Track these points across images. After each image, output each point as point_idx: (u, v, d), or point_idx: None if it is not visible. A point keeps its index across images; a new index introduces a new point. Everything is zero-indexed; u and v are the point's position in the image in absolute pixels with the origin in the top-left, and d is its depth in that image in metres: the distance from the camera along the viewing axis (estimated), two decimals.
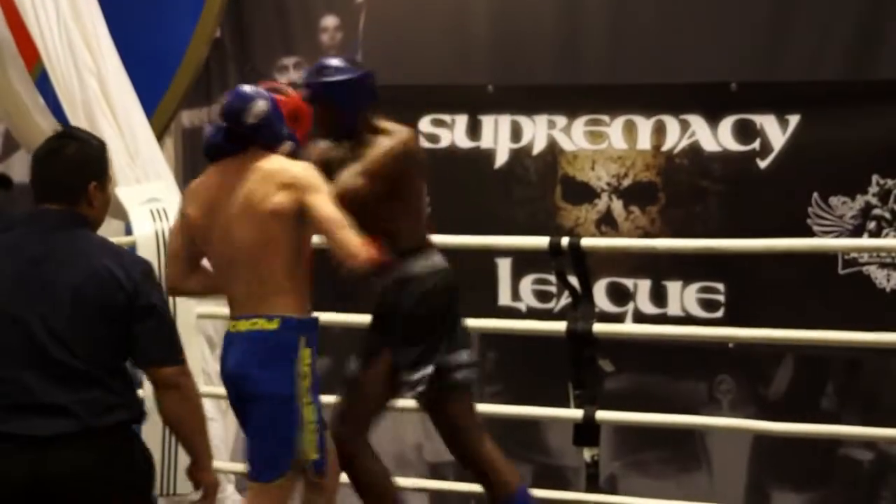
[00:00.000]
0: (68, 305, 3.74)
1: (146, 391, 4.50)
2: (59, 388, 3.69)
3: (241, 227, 4.70)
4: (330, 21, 7.46)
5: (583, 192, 6.75)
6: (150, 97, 6.72)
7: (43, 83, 6.56)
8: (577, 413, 5.80)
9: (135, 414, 3.86)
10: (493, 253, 6.73)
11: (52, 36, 6.33)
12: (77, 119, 6.38)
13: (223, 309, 4.88)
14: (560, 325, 5.88)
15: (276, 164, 4.74)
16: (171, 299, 4.99)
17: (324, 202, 4.70)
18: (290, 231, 4.71)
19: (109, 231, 6.47)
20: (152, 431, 4.94)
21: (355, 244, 4.59)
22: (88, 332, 3.74)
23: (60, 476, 3.66)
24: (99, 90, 6.37)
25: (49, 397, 3.68)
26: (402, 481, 6.33)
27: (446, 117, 6.95)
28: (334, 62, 5.05)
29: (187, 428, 3.94)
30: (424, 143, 6.93)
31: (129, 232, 6.42)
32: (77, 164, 3.91)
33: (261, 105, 4.74)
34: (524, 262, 6.75)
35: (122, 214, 6.34)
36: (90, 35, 6.42)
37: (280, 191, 4.70)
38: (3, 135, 7.94)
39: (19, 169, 7.99)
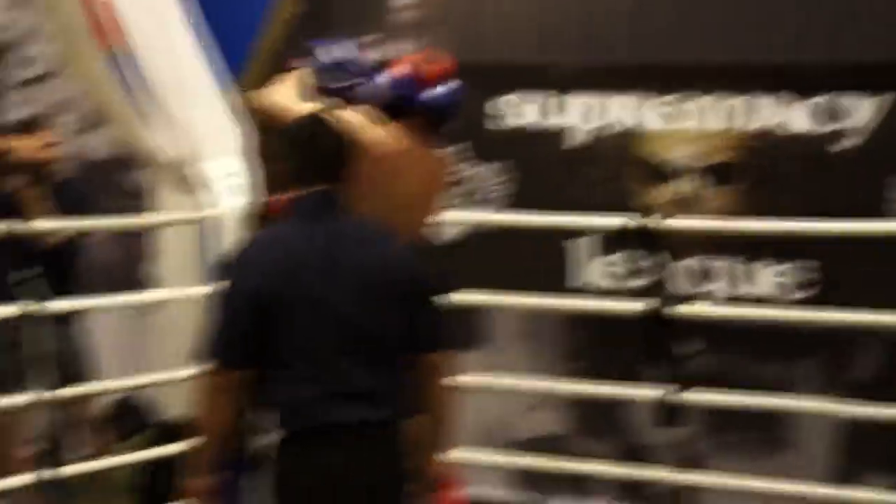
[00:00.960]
0: (373, 290, 3.79)
1: None
2: (370, 375, 3.76)
3: (423, 212, 4.99)
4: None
5: (659, 174, 6.71)
6: (229, 76, 6.76)
7: (120, 62, 6.60)
8: (658, 392, 5.79)
9: (411, 403, 3.90)
10: (569, 232, 6.71)
11: (131, 16, 6.37)
12: (153, 96, 6.43)
13: None
14: (640, 306, 5.86)
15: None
16: None
17: None
18: None
19: (189, 205, 6.54)
20: None
21: None
22: (390, 318, 3.80)
23: (370, 463, 3.76)
24: (179, 66, 6.40)
25: (362, 385, 3.75)
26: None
27: (525, 96, 6.93)
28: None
29: (448, 412, 3.96)
30: (502, 122, 6.93)
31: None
32: (340, 146, 3.94)
33: None
34: (599, 242, 6.73)
35: (202, 188, 6.39)
36: (166, 15, 6.47)
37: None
38: (82, 112, 7.99)
39: (97, 145, 8.06)
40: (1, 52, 8.01)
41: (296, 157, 3.92)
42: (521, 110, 6.94)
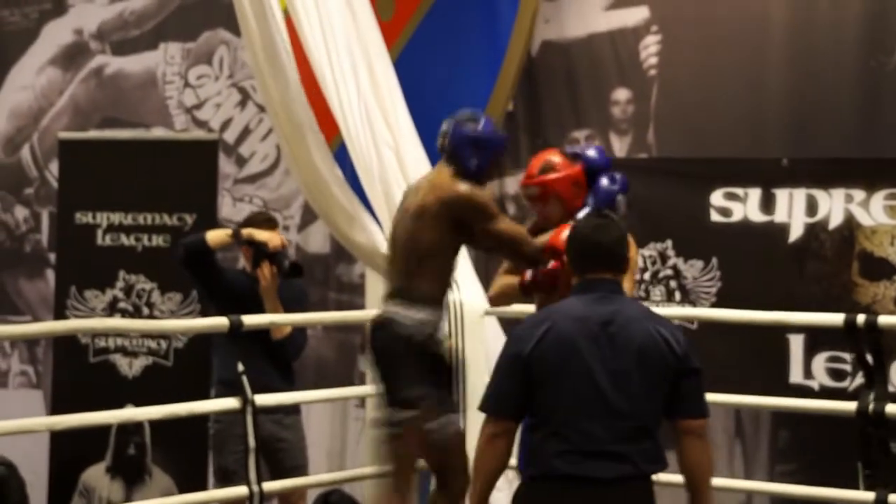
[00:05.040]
0: (632, 364, 4.28)
1: None
2: (620, 438, 4.26)
3: None
4: (622, 94, 7.47)
5: (881, 269, 6.56)
6: None
7: (341, 155, 6.72)
8: (868, 495, 5.63)
9: (665, 466, 4.37)
10: (785, 329, 6.58)
11: (351, 110, 6.48)
12: (373, 191, 6.51)
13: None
14: (850, 405, 5.72)
15: None
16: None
17: None
18: None
19: None
20: None
21: None
22: (646, 389, 4.29)
23: None
24: (395, 163, 6.48)
25: (612, 446, 4.25)
26: None
27: (739, 191, 6.85)
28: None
29: (705, 475, 4.40)
30: (717, 217, 6.86)
31: None
32: (622, 238, 4.46)
33: None
34: (818, 338, 6.59)
35: None
36: (388, 109, 6.56)
37: None
38: (301, 207, 8.16)
39: (315, 240, 8.21)
40: (224, 149, 8.24)
41: (581, 245, 4.45)
42: (736, 205, 6.86)
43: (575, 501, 4.26)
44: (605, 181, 5.36)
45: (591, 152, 5.47)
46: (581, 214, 5.19)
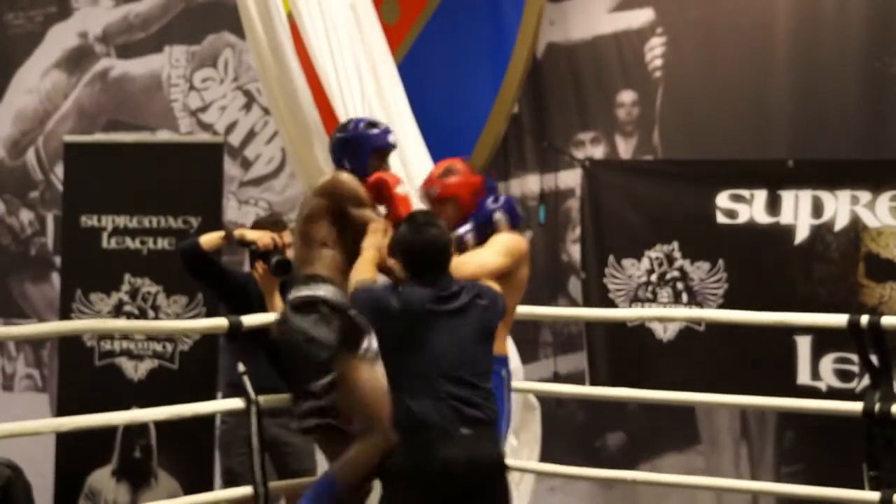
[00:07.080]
0: (469, 333, 5.16)
1: None
2: (472, 390, 5.11)
3: None
4: (627, 96, 7.47)
5: (887, 270, 6.57)
6: None
7: None
8: (873, 496, 5.63)
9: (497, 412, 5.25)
10: (792, 330, 6.59)
11: (355, 113, 6.47)
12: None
13: None
14: (856, 406, 5.73)
15: None
16: None
17: None
18: None
19: None
20: None
21: None
22: (482, 349, 5.20)
23: (483, 457, 5.10)
24: (401, 166, 6.47)
25: (469, 394, 5.09)
26: None
27: (745, 192, 6.86)
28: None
29: None
30: (723, 219, 6.86)
31: None
32: (448, 241, 5.26)
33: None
34: (825, 340, 6.60)
35: None
36: (392, 113, 6.55)
37: None
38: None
39: None
40: (229, 152, 8.25)
41: (414, 251, 5.20)
42: (742, 206, 6.87)
43: (438, 444, 5.01)
44: (489, 199, 5.79)
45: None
46: (462, 229, 5.69)
